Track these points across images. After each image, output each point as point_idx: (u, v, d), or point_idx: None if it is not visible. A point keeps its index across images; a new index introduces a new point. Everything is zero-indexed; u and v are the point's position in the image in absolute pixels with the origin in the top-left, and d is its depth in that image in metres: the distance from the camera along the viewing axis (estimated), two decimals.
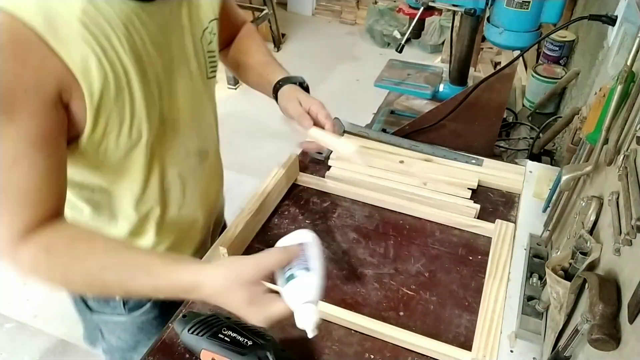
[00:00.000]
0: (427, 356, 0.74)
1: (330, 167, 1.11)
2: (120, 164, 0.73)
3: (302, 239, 0.67)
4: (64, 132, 0.64)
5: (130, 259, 0.66)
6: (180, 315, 0.74)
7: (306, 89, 0.91)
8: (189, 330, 0.71)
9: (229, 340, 0.69)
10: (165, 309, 0.95)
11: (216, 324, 0.71)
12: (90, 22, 0.61)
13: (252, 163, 2.67)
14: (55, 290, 0.67)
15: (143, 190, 0.79)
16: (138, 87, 0.68)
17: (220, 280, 0.63)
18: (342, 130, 1.21)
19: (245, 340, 0.69)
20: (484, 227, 0.96)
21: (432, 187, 1.04)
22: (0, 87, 0.56)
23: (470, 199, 1.02)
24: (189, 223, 0.91)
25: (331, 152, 1.14)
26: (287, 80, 0.90)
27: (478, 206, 0.99)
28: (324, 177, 1.08)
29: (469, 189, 1.04)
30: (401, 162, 1.12)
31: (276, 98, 0.90)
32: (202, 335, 0.70)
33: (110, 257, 0.65)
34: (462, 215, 0.98)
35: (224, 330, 0.70)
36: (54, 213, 0.66)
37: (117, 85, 0.65)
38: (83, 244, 0.66)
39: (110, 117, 0.66)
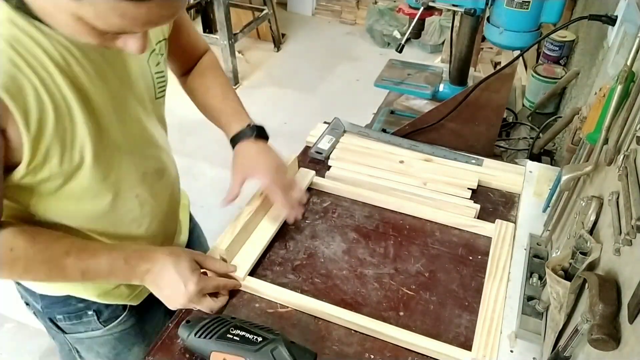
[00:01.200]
0: (427, 356, 0.74)
1: (330, 167, 1.11)
2: (64, 185, 0.71)
3: None
4: (1, 156, 0.62)
5: (90, 243, 0.76)
6: (184, 321, 0.74)
7: (262, 130, 0.92)
8: (195, 335, 0.70)
9: (238, 339, 0.69)
10: (141, 316, 0.95)
11: (223, 325, 0.71)
12: (25, 52, 0.59)
13: None
14: (19, 280, 0.73)
15: (94, 210, 0.78)
16: (80, 115, 0.66)
17: (174, 249, 0.79)
18: (342, 129, 1.21)
19: (255, 337, 0.68)
20: (483, 227, 0.96)
21: (432, 187, 1.04)
22: None
23: (470, 199, 1.02)
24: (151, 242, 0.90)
25: (331, 152, 1.14)
26: (242, 135, 0.90)
27: (478, 206, 0.99)
28: (324, 177, 1.08)
29: (469, 189, 1.04)
30: (401, 162, 1.12)
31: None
32: (210, 338, 0.69)
33: (72, 243, 0.73)
34: (462, 215, 0.98)
35: (232, 330, 0.70)
36: None
37: (57, 115, 0.64)
38: (44, 236, 0.72)
39: (52, 145, 0.65)
